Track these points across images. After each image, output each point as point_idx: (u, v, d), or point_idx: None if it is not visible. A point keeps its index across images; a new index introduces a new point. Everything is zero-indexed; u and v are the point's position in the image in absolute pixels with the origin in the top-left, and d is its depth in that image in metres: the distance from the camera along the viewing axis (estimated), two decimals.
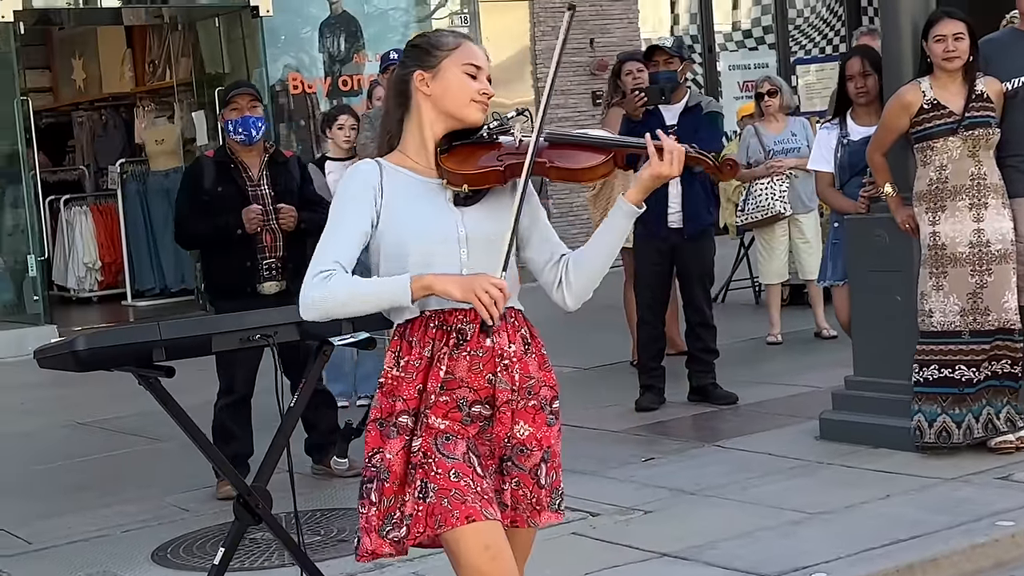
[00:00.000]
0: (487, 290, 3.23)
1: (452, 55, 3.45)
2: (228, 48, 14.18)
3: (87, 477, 7.50)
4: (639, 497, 6.19)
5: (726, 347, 9.64)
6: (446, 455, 3.35)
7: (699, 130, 7.64)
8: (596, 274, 3.51)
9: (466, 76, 3.45)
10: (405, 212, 3.41)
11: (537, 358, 3.50)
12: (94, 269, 15.37)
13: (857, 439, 6.73)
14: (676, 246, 7.80)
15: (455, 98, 3.44)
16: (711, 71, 16.43)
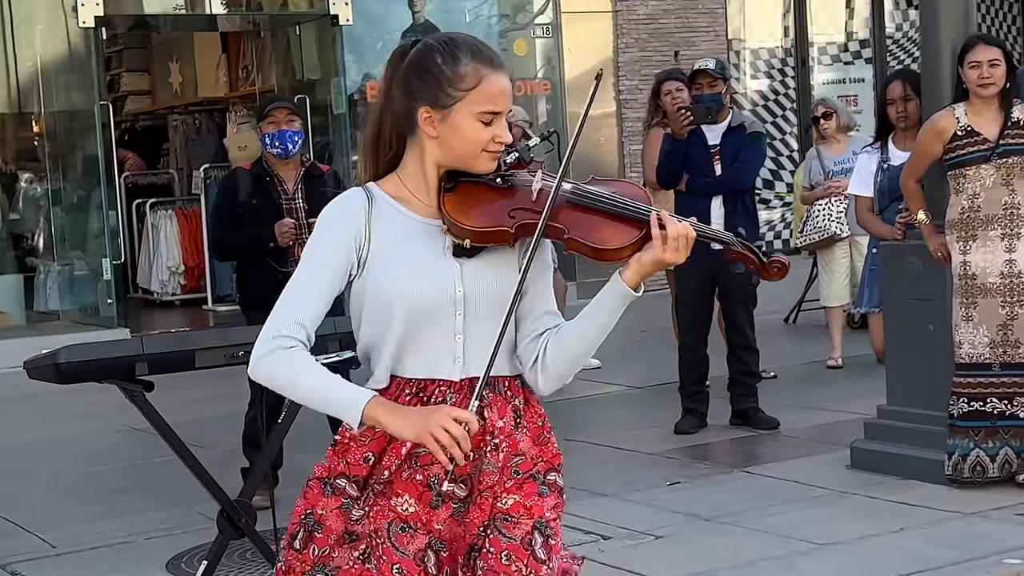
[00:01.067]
0: (446, 429, 2.78)
1: (468, 97, 2.94)
2: (310, 56, 14.48)
3: (127, 482, 7.74)
4: (654, 521, 6.26)
5: (786, 370, 9.71)
6: (396, 546, 2.94)
7: (741, 150, 7.70)
8: (576, 359, 3.04)
9: (480, 124, 2.95)
10: (394, 263, 2.96)
11: (530, 432, 3.04)
12: (177, 273, 15.74)
13: (887, 469, 6.74)
14: (718, 267, 7.84)
15: (463, 148, 2.97)
16: (804, 85, 16.35)
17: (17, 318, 13.68)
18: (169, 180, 17.38)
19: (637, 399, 9.22)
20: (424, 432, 2.80)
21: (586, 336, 3.00)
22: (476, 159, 2.98)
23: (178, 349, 4.54)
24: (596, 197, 2.97)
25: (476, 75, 2.93)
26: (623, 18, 14.52)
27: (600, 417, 8.78)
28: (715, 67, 7.84)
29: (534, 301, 3.04)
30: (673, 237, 2.90)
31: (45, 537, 6.60)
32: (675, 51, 14.39)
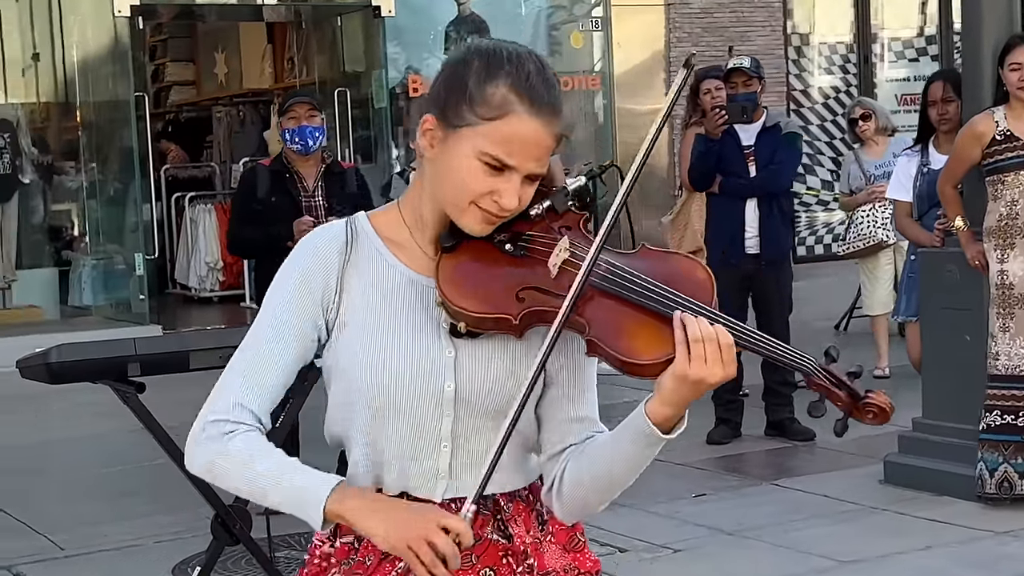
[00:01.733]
0: (430, 541, 2.18)
1: (481, 127, 2.26)
2: (352, 49, 14.58)
3: (137, 484, 7.83)
4: (675, 535, 6.28)
5: None
6: None
7: (777, 151, 7.70)
8: (600, 493, 2.37)
9: (481, 166, 2.26)
10: (370, 334, 2.33)
11: (557, 538, 2.47)
12: (216, 269, 15.89)
13: (920, 485, 6.72)
14: (753, 273, 7.84)
15: (450, 188, 2.30)
16: (867, 83, 16.27)
17: (51, 312, 13.87)
18: (210, 173, 17.54)
19: None
20: (402, 542, 2.20)
21: (610, 467, 2.34)
22: (461, 211, 2.30)
23: (172, 350, 4.61)
24: (635, 285, 2.25)
25: (503, 106, 2.25)
26: (676, 11, 14.53)
27: None
28: (750, 65, 7.84)
29: (558, 401, 2.39)
30: (696, 340, 2.19)
31: (53, 538, 6.71)
32: (729, 46, 14.32)
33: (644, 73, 14.50)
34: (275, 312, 2.34)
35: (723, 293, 7.59)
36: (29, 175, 14.24)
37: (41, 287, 14.12)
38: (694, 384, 2.22)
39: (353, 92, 13.92)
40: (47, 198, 14.91)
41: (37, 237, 14.70)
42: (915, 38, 16.74)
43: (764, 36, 14.85)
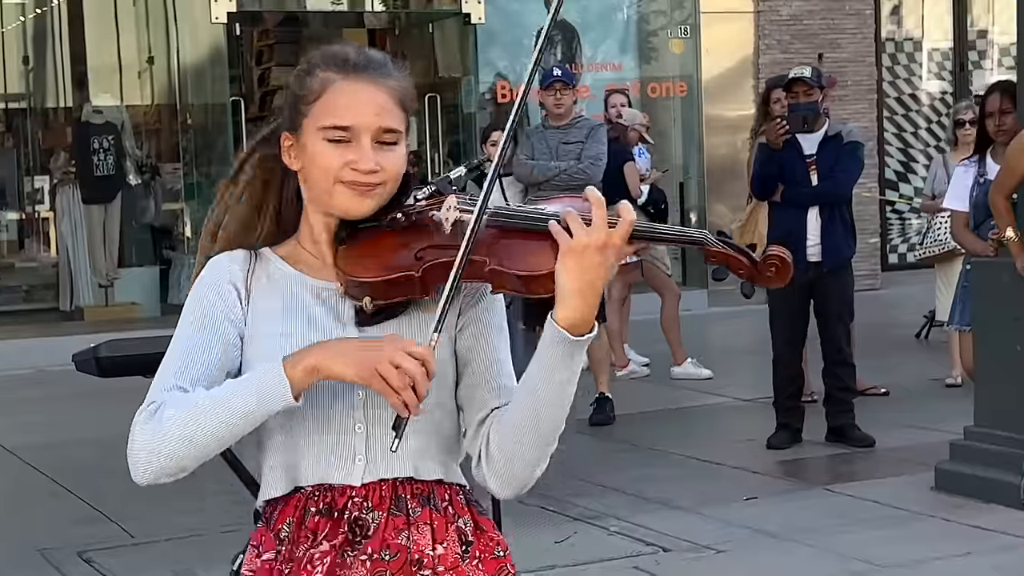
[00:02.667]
0: (399, 364, 2.21)
1: (312, 111, 2.38)
2: (444, 55, 14.83)
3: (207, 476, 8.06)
4: (720, 536, 6.39)
5: (901, 387, 9.72)
6: None
7: (839, 160, 7.77)
8: (530, 447, 2.32)
9: (327, 144, 2.36)
10: (278, 340, 2.37)
11: (486, 567, 2.42)
12: None
13: (970, 492, 6.76)
14: (815, 280, 7.92)
15: (317, 179, 2.39)
16: (962, 90, 16.17)
17: (151, 310, 14.28)
18: None
19: (741, 412, 9.33)
20: (370, 369, 2.21)
21: (534, 406, 2.28)
22: (332, 195, 2.38)
23: None
24: (518, 215, 2.35)
25: (321, 85, 2.37)
26: (765, 19, 14.57)
27: (697, 428, 8.91)
28: (811, 76, 7.92)
29: (474, 379, 2.40)
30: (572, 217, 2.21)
31: (125, 526, 6.98)
32: (819, 53, 14.38)
33: (732, 80, 14.58)
34: (193, 316, 2.41)
35: (783, 299, 7.70)
36: (133, 176, 14.66)
37: (142, 285, 14.55)
38: (575, 252, 2.19)
39: (445, 97, 14.15)
40: (150, 199, 15.33)
41: (139, 237, 15.14)
42: (1012, 45, 16.56)
43: (855, 43, 14.84)
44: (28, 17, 15.01)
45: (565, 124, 8.81)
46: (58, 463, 8.39)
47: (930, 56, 16.16)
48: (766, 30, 14.54)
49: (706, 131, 14.48)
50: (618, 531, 6.54)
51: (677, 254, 14.28)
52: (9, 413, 9.90)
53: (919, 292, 12.98)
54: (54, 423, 9.91)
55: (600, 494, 7.18)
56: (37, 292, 14.93)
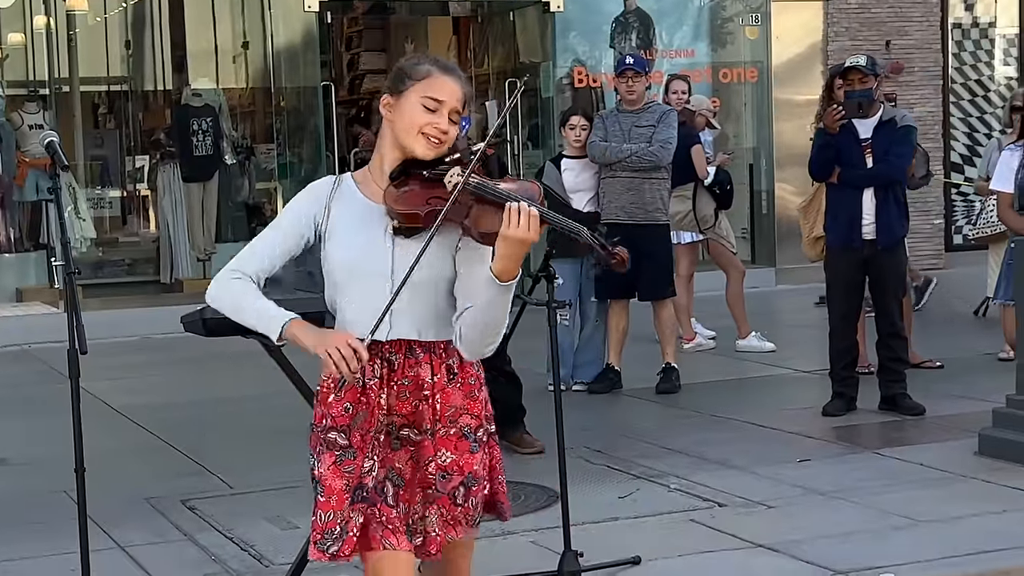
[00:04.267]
0: (338, 347, 3.47)
1: (418, 84, 3.61)
2: (525, 42, 15.17)
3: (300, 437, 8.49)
4: (772, 493, 6.74)
5: (956, 361, 9.97)
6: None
7: (892, 144, 8.07)
8: (480, 335, 3.60)
9: (421, 107, 3.59)
10: (344, 238, 3.65)
11: (463, 388, 3.70)
12: None
13: (1011, 457, 7.05)
14: (869, 257, 8.21)
15: (404, 127, 3.61)
16: None
17: None
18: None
19: (802, 382, 9.64)
20: (320, 347, 3.53)
21: (483, 316, 3.58)
22: (412, 138, 3.61)
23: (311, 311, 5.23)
24: (491, 189, 3.51)
25: (427, 70, 3.65)
26: (834, 6, 14.79)
27: (758, 397, 9.23)
28: (866, 64, 8.21)
29: (466, 282, 3.62)
30: (513, 211, 3.42)
31: (225, 479, 7.44)
32: (887, 40, 14.59)
33: (801, 66, 14.82)
34: (283, 222, 3.75)
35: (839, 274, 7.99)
36: (229, 156, 15.15)
37: None
38: (509, 239, 3.43)
39: (526, 82, 14.51)
40: (245, 178, 15.81)
41: (235, 214, 15.62)
42: None
43: (922, 30, 15.03)
44: (130, 3, 15.53)
45: (637, 109, 9.15)
46: (161, 422, 8.88)
47: (997, 42, 16.28)
48: (835, 18, 14.76)
49: (775, 115, 14.73)
50: (677, 488, 6.89)
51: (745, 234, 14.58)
52: (115, 377, 10.40)
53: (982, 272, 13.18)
54: (156, 386, 10.44)
55: (662, 455, 7.54)
56: (139, 265, 15.46)
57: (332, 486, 3.67)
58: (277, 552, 6.11)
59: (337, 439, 3.70)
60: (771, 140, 14.40)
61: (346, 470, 3.67)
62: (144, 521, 6.67)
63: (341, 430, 3.69)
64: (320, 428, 3.75)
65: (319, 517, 3.68)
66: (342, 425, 3.69)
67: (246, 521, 6.60)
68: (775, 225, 14.75)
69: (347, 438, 3.69)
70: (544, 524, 6.22)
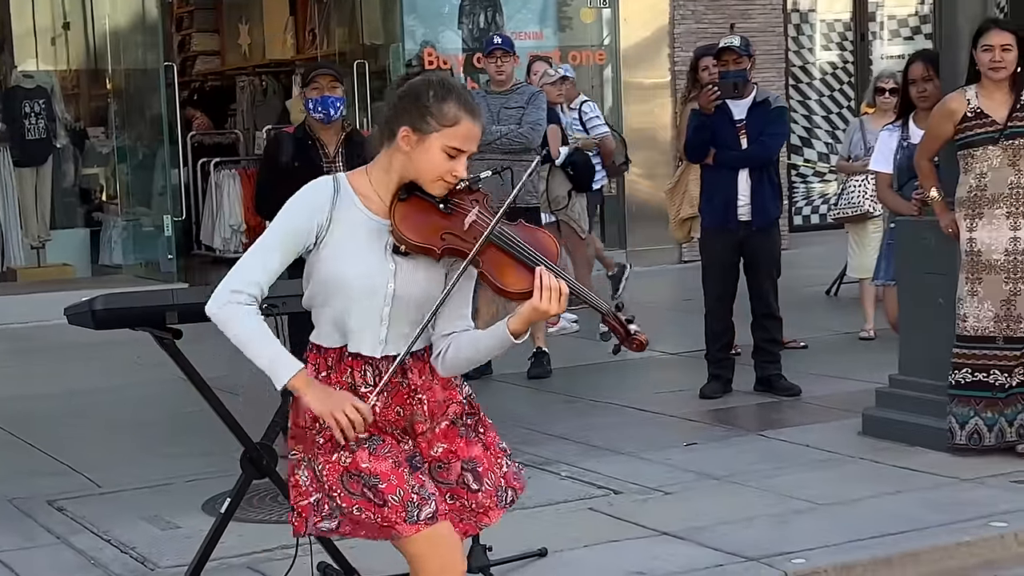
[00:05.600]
0: (346, 413, 3.51)
1: (444, 133, 3.56)
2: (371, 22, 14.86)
3: (173, 429, 8.17)
4: (665, 479, 6.61)
5: (818, 340, 10.01)
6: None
7: (766, 125, 8.02)
8: (467, 365, 3.72)
9: (445, 156, 3.57)
10: (345, 254, 3.59)
11: (440, 381, 3.74)
12: (239, 231, 16.20)
13: (896, 436, 7.04)
14: (744, 238, 8.16)
15: (425, 171, 3.59)
16: (863, 60, 16.51)
17: (82, 271, 14.25)
18: (234, 140, 17.87)
19: (670, 364, 9.56)
20: (327, 412, 3.53)
21: (474, 355, 3.69)
22: (433, 184, 3.61)
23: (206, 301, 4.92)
24: (514, 243, 3.59)
25: (456, 116, 3.57)
26: None
27: (631, 381, 9.12)
28: (740, 44, 8.16)
29: (452, 308, 3.69)
30: (547, 288, 3.50)
31: (92, 477, 7.06)
32: (731, 23, 14.58)
33: (649, 48, 14.77)
34: (285, 224, 3.65)
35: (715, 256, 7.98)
36: (62, 140, 14.56)
37: (74, 246, 14.50)
38: (539, 312, 3.53)
39: (371, 64, 14.20)
40: (79, 162, 15.23)
41: (70, 199, 15.06)
42: (911, 16, 16.96)
43: (765, 14, 15.10)
44: None
45: (506, 90, 8.95)
46: (11, 416, 8.42)
47: (832, 27, 16.46)
48: (681, 0, 14.74)
49: (624, 98, 14.67)
50: (569, 476, 6.73)
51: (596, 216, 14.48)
52: None
53: (824, 252, 13.32)
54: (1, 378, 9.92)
55: (546, 442, 7.37)
56: None
57: (382, 470, 3.61)
58: (161, 554, 5.81)
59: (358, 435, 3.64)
60: (620, 123, 14.31)
61: (384, 452, 3.65)
62: (10, 524, 6.30)
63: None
64: (316, 429, 3.67)
65: (390, 499, 3.60)
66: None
67: (122, 522, 6.27)
68: (625, 207, 14.70)
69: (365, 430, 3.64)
70: None
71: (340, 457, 3.62)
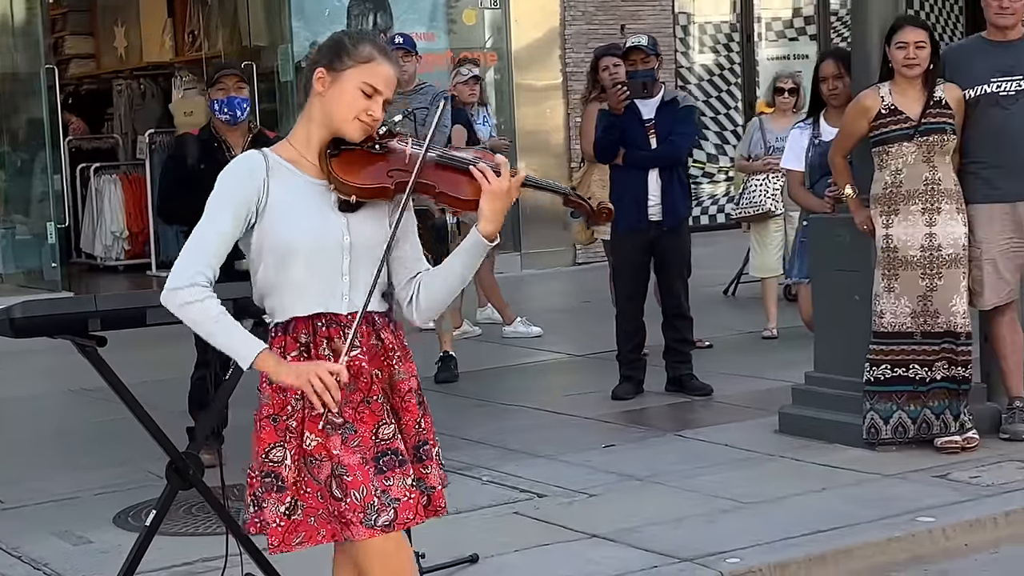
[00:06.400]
0: (321, 378, 3.46)
1: (359, 68, 3.57)
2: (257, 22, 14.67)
3: (77, 442, 7.99)
4: (588, 481, 6.58)
5: (722, 339, 10.06)
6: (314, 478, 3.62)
7: (675, 124, 8.04)
8: (444, 297, 3.71)
9: (360, 93, 3.56)
10: (293, 216, 3.56)
11: (404, 351, 3.72)
12: (121, 238, 15.94)
13: (813, 434, 7.08)
14: (655, 238, 8.17)
15: (340, 110, 3.57)
16: (749, 61, 16.69)
17: None
18: (113, 145, 17.55)
19: (576, 366, 9.55)
20: (303, 379, 3.48)
21: (449, 281, 3.68)
22: (348, 124, 3.58)
23: (130, 306, 4.79)
24: (459, 160, 3.64)
25: (371, 54, 3.61)
26: None
27: (540, 383, 9.10)
28: (647, 44, 8.18)
29: (407, 250, 3.70)
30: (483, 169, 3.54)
31: None
32: (621, 24, 14.67)
33: (540, 50, 14.78)
34: (225, 205, 3.57)
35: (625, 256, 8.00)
36: None
37: None
38: (497, 194, 3.52)
39: (259, 66, 14.02)
40: None
41: None
42: (794, 18, 17.19)
43: (655, 15, 15.19)
44: None
45: (409, 91, 8.87)
46: None
47: (718, 28, 16.62)
48: (571, 2, 14.76)
49: (517, 98, 14.65)
50: (491, 480, 6.67)
51: None
52: None
53: (715, 252, 13.39)
54: None
55: (463, 446, 7.29)
56: None
57: (350, 463, 3.56)
58: (76, 570, 5.66)
59: (333, 419, 3.58)
60: (513, 125, 14.30)
61: (352, 445, 3.58)
62: None
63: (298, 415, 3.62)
64: (278, 416, 3.63)
65: (352, 495, 3.55)
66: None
67: (32, 537, 6.09)
68: (519, 209, 14.66)
69: (340, 415, 3.58)
70: None
71: (309, 439, 3.58)
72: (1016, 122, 6.70)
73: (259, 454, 3.63)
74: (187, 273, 3.56)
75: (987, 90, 6.74)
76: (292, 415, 3.61)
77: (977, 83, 6.77)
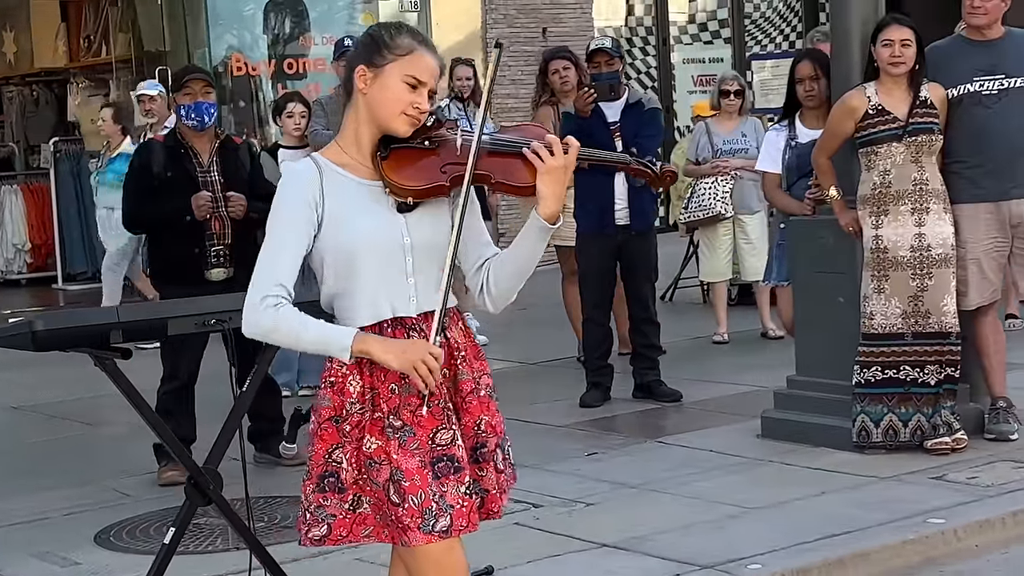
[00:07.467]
0: (424, 360, 3.43)
1: (399, 61, 3.54)
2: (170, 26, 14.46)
3: (24, 462, 7.79)
4: (581, 490, 6.57)
5: (673, 345, 10.07)
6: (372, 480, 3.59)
7: (641, 126, 8.07)
8: (515, 283, 3.66)
9: (405, 86, 3.52)
10: (352, 222, 3.54)
11: (473, 349, 3.71)
12: (23, 251, 15.60)
13: (797, 438, 7.13)
14: (623, 243, 8.19)
15: (386, 106, 3.54)
16: (665, 64, 16.84)
17: None
18: (9, 154, 17.18)
19: (532, 374, 9.54)
20: (407, 363, 3.44)
21: (519, 264, 3.63)
22: (395, 119, 3.55)
23: (152, 317, 4.70)
24: (510, 143, 3.56)
25: (410, 45, 3.56)
26: None
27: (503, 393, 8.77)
28: (611, 46, 8.23)
29: (471, 238, 3.64)
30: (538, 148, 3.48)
31: None
32: (543, 28, 14.73)
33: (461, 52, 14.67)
34: (287, 223, 3.54)
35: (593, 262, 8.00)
36: None
37: None
38: (554, 172, 3.47)
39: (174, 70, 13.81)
40: None
41: None
42: (709, 22, 17.37)
43: (576, 18, 15.27)
44: None
45: None
46: None
47: (635, 32, 16.75)
48: (493, 5, 14.78)
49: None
50: None
51: None
52: None
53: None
54: None
55: None
56: None
57: (408, 467, 3.54)
58: None
59: (393, 422, 3.57)
60: None
61: (411, 448, 3.56)
62: None
63: (393, 411, 3.58)
64: (340, 418, 3.60)
65: (410, 500, 3.52)
66: (393, 408, 3.58)
67: (13, 559, 5.97)
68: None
69: (399, 418, 3.57)
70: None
71: (369, 442, 3.57)
72: (998, 121, 6.83)
73: (320, 456, 3.62)
74: (257, 297, 3.52)
75: (970, 89, 6.86)
76: (347, 419, 3.59)
77: (959, 82, 6.88)
